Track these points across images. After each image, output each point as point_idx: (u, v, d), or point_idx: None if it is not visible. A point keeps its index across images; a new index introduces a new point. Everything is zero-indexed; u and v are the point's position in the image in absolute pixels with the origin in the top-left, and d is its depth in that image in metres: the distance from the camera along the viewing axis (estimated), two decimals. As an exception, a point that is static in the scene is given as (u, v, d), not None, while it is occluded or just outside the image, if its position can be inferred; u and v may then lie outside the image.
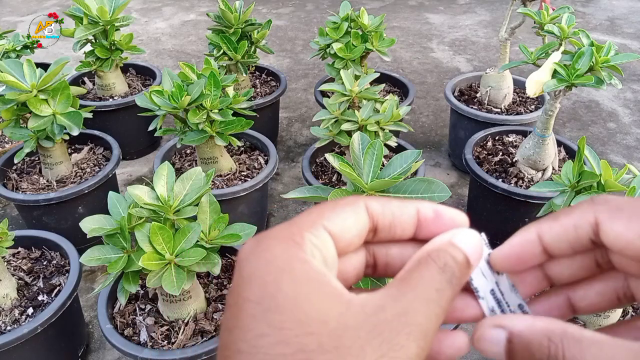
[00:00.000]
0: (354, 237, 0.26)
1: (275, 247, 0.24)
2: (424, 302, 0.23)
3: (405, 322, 0.22)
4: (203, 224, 0.99)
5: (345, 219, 0.26)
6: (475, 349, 0.27)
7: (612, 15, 3.28)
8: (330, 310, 0.22)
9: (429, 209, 0.28)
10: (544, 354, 0.24)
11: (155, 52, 2.93)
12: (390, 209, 0.27)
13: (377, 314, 0.22)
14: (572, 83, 1.19)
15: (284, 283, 0.22)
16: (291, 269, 0.23)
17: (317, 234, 0.25)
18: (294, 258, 0.23)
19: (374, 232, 0.28)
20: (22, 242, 1.28)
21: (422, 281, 0.24)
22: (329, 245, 0.25)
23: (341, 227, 0.26)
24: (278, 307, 0.22)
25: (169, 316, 1.07)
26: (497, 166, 1.55)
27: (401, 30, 3.13)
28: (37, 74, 1.30)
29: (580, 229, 0.26)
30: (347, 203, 0.27)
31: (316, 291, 0.23)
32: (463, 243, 0.26)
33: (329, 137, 1.33)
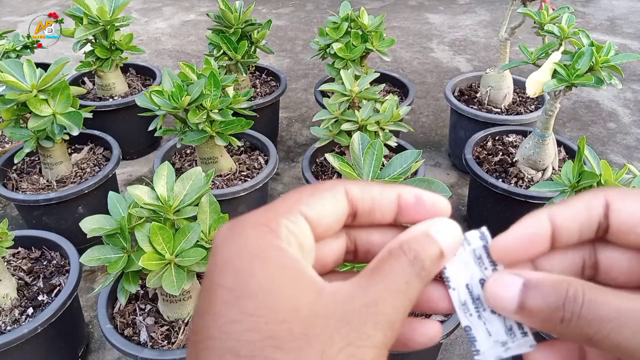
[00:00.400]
0: (332, 223, 0.26)
1: (250, 233, 0.24)
2: (392, 293, 0.23)
3: (373, 312, 0.23)
4: (203, 224, 0.99)
5: (323, 204, 0.25)
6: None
7: (612, 15, 3.28)
8: (302, 299, 0.22)
9: (410, 193, 0.27)
10: (561, 297, 0.23)
11: (155, 52, 2.93)
12: (371, 193, 0.27)
13: (347, 303, 0.23)
14: (572, 83, 1.19)
15: (258, 270, 0.22)
16: (265, 256, 0.23)
17: (294, 220, 0.24)
18: (268, 245, 0.23)
19: (353, 216, 0.27)
20: (22, 242, 1.28)
21: (391, 273, 0.24)
22: (305, 232, 0.25)
23: (319, 212, 0.25)
24: (250, 294, 0.22)
25: (169, 316, 1.07)
26: (497, 166, 1.55)
27: (401, 30, 3.13)
28: (37, 74, 1.30)
29: (592, 210, 0.26)
30: (326, 188, 0.26)
31: (289, 279, 0.23)
32: (439, 234, 0.26)
33: (329, 137, 1.33)
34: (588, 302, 0.23)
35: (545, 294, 0.24)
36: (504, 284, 0.25)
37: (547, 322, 0.24)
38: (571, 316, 0.23)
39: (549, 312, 0.24)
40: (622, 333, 0.22)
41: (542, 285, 0.24)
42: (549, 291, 0.24)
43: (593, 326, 0.23)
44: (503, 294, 0.25)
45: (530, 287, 0.24)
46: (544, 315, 0.24)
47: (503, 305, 0.25)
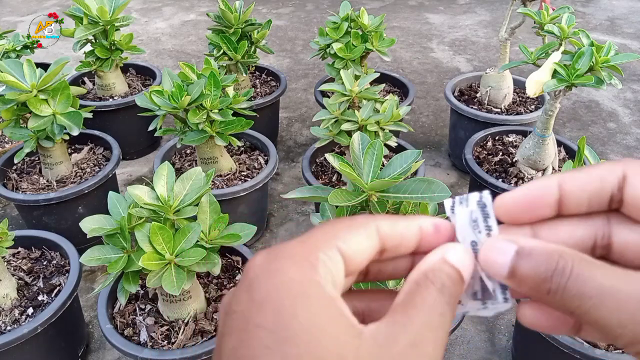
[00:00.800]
0: (364, 260, 0.26)
1: (290, 269, 0.23)
2: (431, 329, 0.23)
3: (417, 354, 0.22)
4: (203, 224, 0.99)
5: (359, 242, 0.26)
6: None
7: (612, 15, 3.28)
8: (346, 344, 0.21)
9: (429, 223, 0.28)
10: (550, 268, 0.24)
11: (155, 52, 2.93)
12: (399, 230, 0.27)
13: (390, 346, 0.22)
14: (572, 83, 1.19)
15: (300, 310, 0.21)
16: (307, 295, 0.22)
17: (331, 255, 0.24)
18: (309, 282, 0.22)
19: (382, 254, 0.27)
20: (22, 242, 1.28)
21: (425, 306, 0.24)
22: (339, 267, 0.25)
23: (355, 249, 0.25)
24: (294, 339, 0.21)
25: (169, 316, 1.07)
26: (497, 166, 1.55)
27: (401, 30, 3.13)
28: (37, 74, 1.30)
29: (606, 181, 0.26)
30: (361, 224, 0.26)
31: (331, 321, 0.22)
32: (455, 259, 0.26)
33: (329, 137, 1.33)
34: (575, 276, 0.23)
35: (536, 263, 0.24)
36: (498, 250, 0.25)
37: (536, 291, 0.24)
38: (557, 288, 0.23)
39: (538, 281, 0.24)
40: (600, 310, 0.22)
41: (534, 254, 0.24)
42: (540, 261, 0.24)
43: (575, 301, 0.23)
44: (496, 259, 0.25)
45: (523, 255, 0.25)
46: (533, 283, 0.24)
47: (495, 270, 0.25)
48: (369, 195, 0.84)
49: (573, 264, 0.23)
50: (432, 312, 0.24)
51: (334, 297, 0.23)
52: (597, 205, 0.26)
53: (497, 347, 1.31)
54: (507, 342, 1.32)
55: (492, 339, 1.33)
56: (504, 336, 1.34)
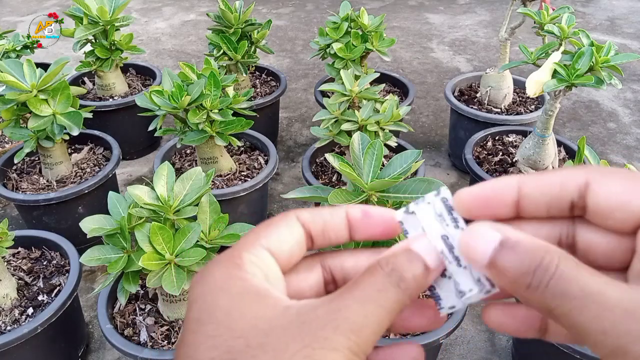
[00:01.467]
0: (293, 249, 0.27)
1: (216, 270, 0.25)
2: (359, 301, 0.23)
3: (333, 317, 0.23)
4: (203, 224, 0.99)
5: (279, 233, 0.27)
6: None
7: (612, 15, 3.28)
8: (263, 316, 0.23)
9: (356, 209, 0.28)
10: (534, 263, 0.23)
11: (155, 52, 2.93)
12: (321, 215, 0.28)
13: (308, 313, 0.23)
14: (572, 83, 1.19)
15: (221, 299, 0.24)
16: (228, 287, 0.24)
17: (256, 253, 0.26)
18: (232, 277, 0.25)
19: (311, 240, 0.28)
20: (22, 242, 1.28)
21: (362, 284, 0.24)
22: (269, 262, 0.26)
23: (278, 242, 0.27)
24: (212, 319, 0.23)
25: (169, 316, 1.07)
26: (497, 166, 1.55)
27: (401, 30, 3.13)
28: (37, 74, 1.30)
29: (566, 187, 0.25)
30: (280, 219, 0.28)
31: (251, 302, 0.24)
32: (421, 248, 0.26)
33: (329, 137, 1.33)
34: (559, 273, 0.22)
35: (519, 256, 0.23)
36: (481, 237, 0.24)
37: (513, 284, 0.23)
38: (538, 284, 0.23)
39: (518, 275, 0.23)
40: (582, 314, 0.22)
41: (518, 247, 0.24)
42: (524, 255, 0.23)
43: (556, 300, 0.22)
44: (477, 246, 0.24)
45: (507, 247, 0.24)
46: (512, 276, 0.23)
47: (474, 257, 0.25)
48: (369, 195, 0.84)
49: (559, 262, 0.23)
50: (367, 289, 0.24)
51: (259, 285, 0.24)
52: (557, 210, 0.26)
53: (497, 347, 1.31)
54: (507, 342, 1.32)
55: (492, 339, 1.33)
56: (504, 336, 1.34)
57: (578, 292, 0.22)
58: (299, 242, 0.28)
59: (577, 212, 0.26)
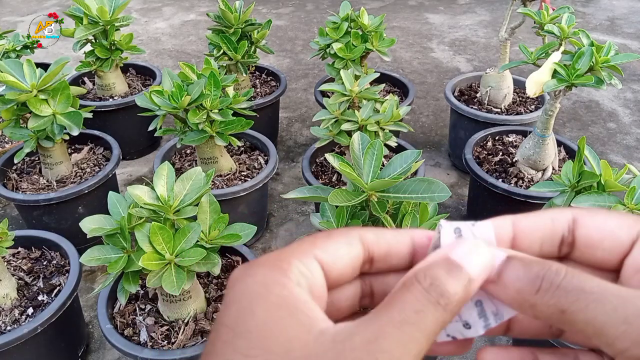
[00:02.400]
0: (346, 268, 0.26)
1: (259, 272, 0.24)
2: (397, 325, 0.21)
3: (372, 349, 0.21)
4: (203, 224, 0.99)
5: (337, 249, 0.25)
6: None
7: (612, 15, 3.28)
8: (298, 339, 0.21)
9: (422, 235, 0.27)
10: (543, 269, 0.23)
11: (155, 52, 2.93)
12: (385, 238, 0.27)
13: (345, 342, 0.21)
14: (572, 83, 1.19)
15: (258, 307, 0.22)
16: (268, 293, 0.23)
17: (306, 262, 0.24)
18: (274, 283, 0.23)
19: (370, 262, 0.27)
20: (22, 242, 1.28)
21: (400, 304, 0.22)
22: (316, 275, 0.25)
23: (333, 257, 0.25)
24: (246, 333, 0.22)
25: (169, 316, 1.07)
26: (497, 166, 1.55)
27: (401, 30, 3.13)
28: (37, 74, 1.30)
29: (557, 223, 0.26)
30: (341, 233, 0.26)
31: (288, 317, 0.22)
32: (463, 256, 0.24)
33: (329, 137, 1.33)
34: (571, 274, 0.23)
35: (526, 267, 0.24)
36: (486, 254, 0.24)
37: (521, 293, 0.23)
38: (549, 286, 0.23)
39: (526, 281, 0.23)
40: (603, 307, 0.22)
41: (525, 260, 0.24)
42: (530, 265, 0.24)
43: (571, 296, 0.22)
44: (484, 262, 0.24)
45: (513, 260, 0.24)
46: (520, 285, 0.23)
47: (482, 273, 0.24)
48: (369, 195, 0.84)
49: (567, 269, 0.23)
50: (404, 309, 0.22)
51: (300, 297, 0.23)
52: (549, 246, 0.27)
53: (497, 347, 1.31)
54: (507, 342, 1.32)
55: (492, 339, 1.33)
56: (504, 336, 1.34)
57: (596, 288, 0.22)
58: (354, 261, 0.26)
59: (565, 250, 0.27)
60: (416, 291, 0.23)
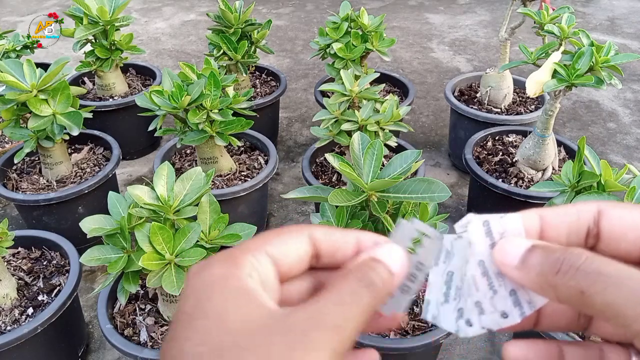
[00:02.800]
0: (295, 262, 0.28)
1: (215, 266, 0.26)
2: (337, 303, 0.25)
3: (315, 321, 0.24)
4: (203, 224, 0.99)
5: (287, 245, 0.28)
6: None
7: (612, 15, 3.28)
8: (251, 317, 0.24)
9: (369, 240, 0.30)
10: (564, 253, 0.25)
11: (155, 52, 2.93)
12: (333, 237, 0.29)
13: (291, 316, 0.24)
14: (572, 83, 1.19)
15: (215, 295, 0.25)
16: (224, 284, 0.25)
17: (258, 257, 0.27)
18: (228, 275, 0.25)
19: (317, 258, 0.29)
20: (22, 242, 1.28)
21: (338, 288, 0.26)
22: (268, 269, 0.27)
23: (283, 252, 0.28)
24: (203, 314, 0.24)
25: (169, 316, 1.07)
26: (497, 166, 1.55)
27: (401, 30, 3.13)
28: (37, 74, 1.30)
29: (583, 215, 0.27)
30: (292, 230, 0.29)
31: (243, 302, 0.24)
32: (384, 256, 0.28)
33: (329, 137, 1.33)
34: (591, 257, 0.24)
35: (548, 253, 0.25)
36: (515, 243, 0.27)
37: (541, 276, 0.25)
38: (569, 268, 0.24)
39: (547, 265, 0.25)
40: (621, 289, 0.23)
41: (548, 247, 0.26)
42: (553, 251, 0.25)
43: (591, 278, 0.23)
44: (510, 250, 0.27)
45: (537, 247, 0.26)
46: (541, 268, 0.25)
47: (507, 260, 0.27)
48: (369, 195, 0.84)
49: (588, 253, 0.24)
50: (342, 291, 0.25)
51: (253, 288, 0.25)
52: (575, 237, 0.28)
53: (497, 347, 1.31)
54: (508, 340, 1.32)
55: (492, 339, 1.33)
56: (504, 336, 1.34)
57: (614, 272, 0.23)
58: (303, 257, 0.28)
59: (591, 242, 0.28)
60: (351, 279, 0.26)
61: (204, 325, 0.24)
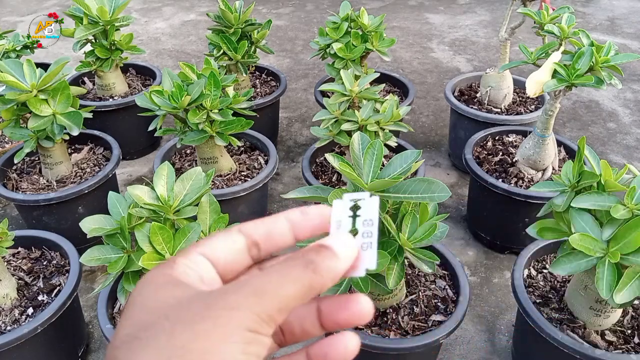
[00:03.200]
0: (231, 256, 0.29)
1: (152, 272, 0.28)
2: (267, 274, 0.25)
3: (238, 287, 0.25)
4: (203, 224, 0.99)
5: (216, 242, 0.29)
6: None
7: (612, 15, 3.28)
8: (176, 296, 0.25)
9: (295, 212, 0.30)
10: None
11: (155, 52, 2.93)
12: (263, 223, 0.30)
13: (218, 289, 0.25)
14: (572, 83, 1.19)
15: (144, 289, 0.27)
16: (156, 280, 0.27)
17: (191, 258, 0.28)
18: (160, 274, 0.27)
19: (257, 247, 0.30)
20: (22, 242, 1.28)
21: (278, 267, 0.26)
22: (204, 266, 0.28)
23: (216, 250, 0.29)
24: (132, 304, 0.26)
25: (169, 316, 1.07)
26: (497, 166, 1.55)
27: (401, 30, 3.13)
28: (37, 74, 1.30)
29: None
30: (221, 232, 0.30)
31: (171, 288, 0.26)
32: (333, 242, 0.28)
33: (329, 137, 1.33)
34: None
35: None
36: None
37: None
38: None
39: None
40: None
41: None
42: None
43: None
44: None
45: None
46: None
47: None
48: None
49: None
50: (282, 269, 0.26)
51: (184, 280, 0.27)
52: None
53: (497, 347, 1.31)
54: (507, 342, 1.32)
55: (492, 339, 1.33)
56: (504, 336, 1.34)
57: None
58: (239, 249, 0.29)
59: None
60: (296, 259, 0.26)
61: (132, 312, 0.25)
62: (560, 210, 0.95)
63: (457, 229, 1.68)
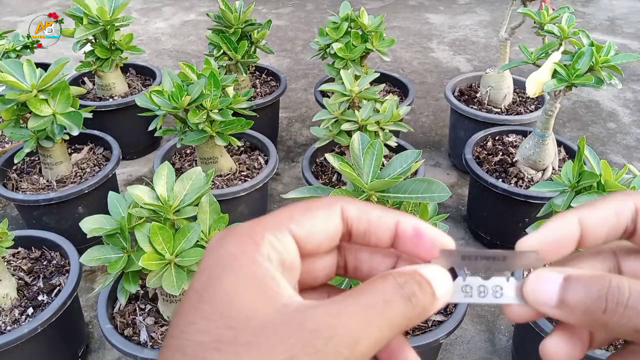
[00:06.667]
0: (323, 242, 0.26)
1: (232, 244, 0.24)
2: (363, 309, 0.22)
3: (330, 326, 0.21)
4: (203, 224, 0.99)
5: (315, 223, 0.25)
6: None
7: (612, 15, 3.28)
8: (259, 310, 0.22)
9: (408, 225, 0.26)
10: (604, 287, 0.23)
11: (155, 52, 2.93)
12: (368, 216, 0.26)
13: (304, 314, 0.22)
14: (572, 83, 1.19)
15: (227, 278, 0.23)
16: (238, 267, 0.23)
17: (280, 237, 0.24)
18: (245, 256, 0.23)
19: (348, 236, 0.27)
20: (22, 242, 1.28)
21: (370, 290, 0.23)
22: (289, 249, 0.25)
23: (309, 231, 0.25)
24: (211, 299, 0.22)
25: (169, 316, 1.07)
26: (497, 166, 1.55)
27: (401, 30, 3.13)
28: (37, 74, 1.30)
29: (621, 215, 0.26)
30: (322, 206, 0.26)
31: (253, 290, 0.23)
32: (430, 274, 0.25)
33: (329, 137, 1.33)
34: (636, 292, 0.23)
35: (587, 285, 0.24)
36: (544, 279, 0.25)
37: (588, 314, 0.23)
38: (616, 306, 0.23)
39: (590, 303, 0.23)
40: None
41: (583, 278, 0.24)
42: (591, 283, 0.24)
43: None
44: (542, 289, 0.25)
45: (572, 281, 0.24)
46: (585, 307, 0.23)
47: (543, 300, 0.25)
48: (369, 195, 0.84)
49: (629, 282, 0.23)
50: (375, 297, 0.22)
51: (268, 273, 0.23)
52: (612, 237, 0.27)
53: (497, 347, 1.31)
54: (507, 342, 1.32)
55: (492, 339, 1.33)
56: (504, 336, 1.34)
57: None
58: (332, 235, 0.26)
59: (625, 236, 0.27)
60: (389, 283, 0.23)
61: (210, 312, 0.22)
62: (560, 210, 0.95)
63: (457, 229, 1.68)
